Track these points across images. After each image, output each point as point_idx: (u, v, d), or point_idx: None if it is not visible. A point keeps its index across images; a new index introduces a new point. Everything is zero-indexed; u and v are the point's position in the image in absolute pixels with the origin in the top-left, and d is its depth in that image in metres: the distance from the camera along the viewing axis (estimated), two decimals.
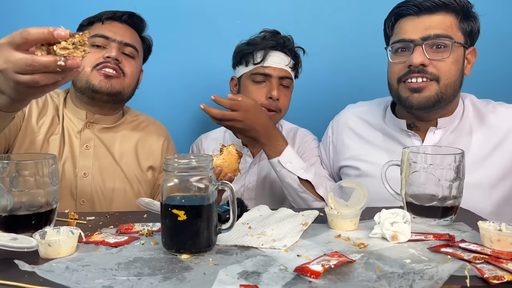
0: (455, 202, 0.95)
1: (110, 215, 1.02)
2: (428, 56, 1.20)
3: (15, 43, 0.72)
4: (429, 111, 1.26)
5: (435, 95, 1.22)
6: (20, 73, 0.73)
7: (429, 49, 1.21)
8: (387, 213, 0.86)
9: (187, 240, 0.76)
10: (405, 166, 0.97)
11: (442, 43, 1.21)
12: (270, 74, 1.40)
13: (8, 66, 0.72)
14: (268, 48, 1.41)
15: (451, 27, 1.22)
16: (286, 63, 1.41)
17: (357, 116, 1.45)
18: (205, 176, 0.78)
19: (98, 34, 1.29)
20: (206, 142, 1.56)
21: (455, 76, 1.23)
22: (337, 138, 1.47)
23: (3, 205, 0.80)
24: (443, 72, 1.21)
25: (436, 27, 1.21)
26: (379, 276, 0.67)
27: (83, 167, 1.30)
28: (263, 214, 1.01)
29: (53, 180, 0.85)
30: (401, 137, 1.33)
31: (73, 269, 0.69)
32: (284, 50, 1.42)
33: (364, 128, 1.41)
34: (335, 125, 1.50)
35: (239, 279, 0.66)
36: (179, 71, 1.82)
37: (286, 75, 1.42)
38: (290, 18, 1.80)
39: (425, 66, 1.21)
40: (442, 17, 1.22)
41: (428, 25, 1.21)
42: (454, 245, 0.80)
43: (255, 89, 1.41)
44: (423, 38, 1.21)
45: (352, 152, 1.40)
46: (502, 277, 0.66)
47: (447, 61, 1.21)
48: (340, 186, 0.96)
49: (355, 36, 1.81)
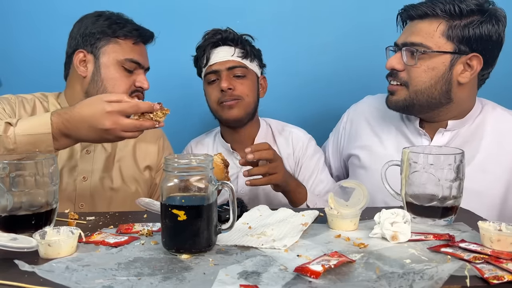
0: (455, 202, 0.95)
1: (110, 215, 1.02)
2: (404, 60, 1.25)
3: (126, 113, 0.98)
4: (409, 113, 1.31)
5: (404, 99, 1.26)
6: (125, 131, 0.99)
7: (408, 54, 1.25)
8: (387, 213, 0.86)
9: (187, 240, 0.76)
10: (405, 166, 0.97)
11: (414, 51, 1.23)
12: (217, 70, 1.41)
13: (117, 127, 0.98)
14: (209, 46, 1.42)
15: (433, 35, 1.21)
16: (232, 53, 1.41)
17: (374, 107, 1.46)
18: (205, 176, 0.78)
19: (133, 59, 1.30)
20: (197, 148, 1.55)
21: (427, 83, 1.23)
22: (351, 126, 1.48)
23: (3, 205, 0.80)
24: (412, 78, 1.24)
25: (416, 34, 1.23)
26: (379, 276, 0.67)
27: (83, 171, 1.30)
28: (263, 214, 1.01)
29: (53, 180, 0.85)
30: (411, 135, 1.34)
31: (73, 269, 0.69)
32: (227, 42, 1.42)
33: (378, 120, 1.43)
34: (352, 112, 1.51)
35: (239, 279, 0.66)
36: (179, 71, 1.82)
37: (236, 65, 1.41)
38: (290, 18, 1.80)
39: (399, 70, 1.26)
40: (426, 24, 1.23)
41: (412, 31, 1.24)
42: (454, 245, 0.80)
43: (210, 89, 1.43)
44: (402, 43, 1.25)
45: (363, 141, 1.42)
46: (502, 277, 0.66)
47: (418, 69, 1.23)
48: (340, 186, 0.96)
49: (355, 36, 1.81)
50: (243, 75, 1.42)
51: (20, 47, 1.79)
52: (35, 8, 1.76)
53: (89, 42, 1.29)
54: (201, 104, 1.82)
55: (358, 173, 1.40)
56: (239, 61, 1.41)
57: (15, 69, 1.79)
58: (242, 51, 1.42)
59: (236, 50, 1.41)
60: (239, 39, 1.43)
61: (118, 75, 1.28)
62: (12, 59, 1.79)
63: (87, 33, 1.29)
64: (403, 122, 1.37)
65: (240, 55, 1.42)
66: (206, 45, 1.43)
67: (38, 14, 1.76)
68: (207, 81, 1.44)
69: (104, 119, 0.97)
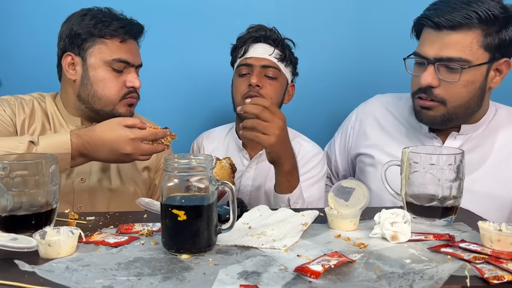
0: (455, 202, 0.95)
1: (110, 215, 1.02)
2: (440, 76, 1.17)
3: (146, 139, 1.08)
4: (444, 127, 1.26)
5: (442, 115, 1.21)
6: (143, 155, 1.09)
7: (443, 69, 1.17)
8: (387, 213, 0.86)
9: (187, 240, 0.76)
10: (405, 166, 0.97)
11: (454, 67, 1.15)
12: (251, 64, 1.40)
13: (137, 151, 1.07)
14: (250, 40, 1.42)
15: (470, 47, 1.14)
16: (270, 53, 1.41)
17: (384, 106, 1.44)
18: (205, 176, 0.78)
19: (121, 59, 1.26)
20: (208, 140, 1.54)
21: (466, 97, 1.19)
22: (360, 125, 1.46)
23: (3, 205, 0.80)
24: (451, 95, 1.18)
25: (451, 48, 1.15)
26: (379, 276, 0.67)
27: (80, 173, 1.29)
28: (263, 214, 1.01)
29: (53, 180, 0.85)
30: (423, 136, 1.32)
31: (73, 269, 0.69)
32: (268, 41, 1.42)
33: (388, 119, 1.40)
34: (361, 111, 1.49)
35: (239, 279, 0.66)
36: (179, 71, 1.82)
37: (270, 65, 1.40)
38: (290, 18, 1.80)
39: (433, 87, 1.18)
40: (462, 36, 1.14)
41: (445, 43, 1.16)
42: (454, 245, 0.80)
43: (240, 81, 1.42)
44: (436, 58, 1.17)
45: (372, 141, 1.40)
46: (502, 277, 0.66)
47: (457, 85, 1.17)
48: (340, 186, 0.96)
49: (355, 36, 1.81)
50: (275, 77, 1.41)
51: (20, 46, 1.79)
52: (35, 8, 1.76)
53: (76, 44, 1.26)
54: (204, 103, 1.83)
55: (367, 172, 1.39)
56: (275, 62, 1.42)
57: (15, 68, 1.78)
58: (281, 53, 1.42)
59: (275, 51, 1.41)
60: (281, 41, 1.43)
61: (107, 76, 1.26)
62: (12, 59, 1.79)
63: (73, 35, 1.26)
64: (415, 124, 1.34)
65: (278, 56, 1.42)
66: (247, 38, 1.43)
67: (38, 14, 1.76)
68: (238, 73, 1.43)
69: (127, 144, 1.05)
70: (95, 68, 1.25)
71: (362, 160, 1.42)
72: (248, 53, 1.42)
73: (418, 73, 1.23)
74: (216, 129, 1.59)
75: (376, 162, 1.36)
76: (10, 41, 1.78)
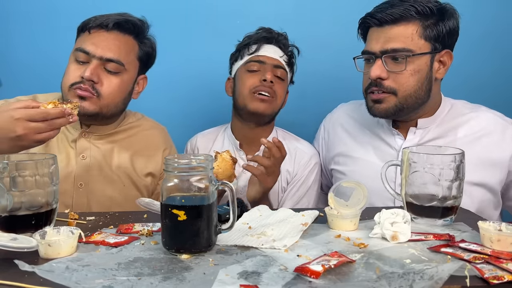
0: (455, 202, 0.95)
1: (110, 215, 1.02)
2: (388, 68, 1.24)
3: (34, 119, 0.95)
4: (397, 117, 1.31)
5: (394, 106, 1.26)
6: (40, 133, 0.96)
7: (389, 61, 1.24)
8: (387, 213, 0.86)
9: (187, 240, 0.76)
10: (405, 166, 0.97)
11: (399, 56, 1.22)
12: (264, 61, 1.42)
13: (30, 131, 0.95)
14: (262, 40, 1.45)
15: (412, 37, 1.22)
16: (280, 55, 1.45)
17: (347, 114, 1.49)
18: (205, 176, 0.78)
19: (80, 48, 1.21)
20: (202, 141, 1.54)
21: (415, 86, 1.24)
22: (329, 135, 1.51)
23: (3, 205, 0.80)
24: (400, 84, 1.24)
25: (394, 40, 1.23)
26: (379, 276, 0.67)
27: (79, 178, 1.25)
28: (263, 214, 1.01)
29: (53, 180, 0.85)
30: (385, 135, 1.37)
31: (73, 269, 0.69)
32: (279, 44, 1.46)
33: (353, 125, 1.46)
34: (327, 122, 1.55)
35: (239, 279, 0.66)
36: (179, 71, 1.82)
37: (281, 65, 1.44)
38: (290, 18, 1.80)
39: (383, 79, 1.24)
40: (403, 28, 1.23)
41: (389, 37, 1.23)
42: (454, 245, 0.80)
43: (250, 76, 1.43)
44: (381, 51, 1.24)
45: (341, 148, 1.45)
46: (502, 277, 0.66)
47: (405, 74, 1.23)
48: (340, 186, 0.96)
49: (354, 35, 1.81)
50: (283, 78, 1.45)
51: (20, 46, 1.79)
52: (34, 10, 1.76)
53: None
54: (203, 101, 1.83)
55: (339, 179, 1.42)
56: (284, 64, 1.45)
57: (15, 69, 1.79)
58: (289, 59, 1.47)
59: (284, 55, 1.46)
60: (289, 47, 1.48)
61: (69, 67, 1.23)
62: (12, 59, 1.79)
63: None
64: (377, 125, 1.40)
65: (286, 60, 1.46)
66: (259, 37, 1.45)
67: (37, 15, 1.76)
68: (248, 69, 1.44)
69: (14, 126, 0.94)
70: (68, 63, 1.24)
71: (335, 168, 1.46)
72: (261, 50, 1.44)
73: (367, 69, 1.30)
74: (210, 130, 1.59)
75: (347, 169, 1.40)
76: (10, 41, 1.78)
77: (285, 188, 1.47)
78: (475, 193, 1.26)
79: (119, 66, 1.24)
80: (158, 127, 1.43)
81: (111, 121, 1.32)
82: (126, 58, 1.25)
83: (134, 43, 1.29)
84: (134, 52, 1.30)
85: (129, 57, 1.27)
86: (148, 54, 1.35)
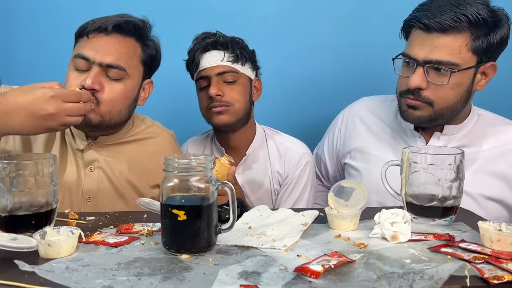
0: (455, 202, 0.95)
1: (110, 215, 1.02)
2: (429, 78, 1.17)
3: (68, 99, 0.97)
4: (429, 126, 1.27)
5: (428, 116, 1.22)
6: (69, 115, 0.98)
7: (431, 71, 1.18)
8: (387, 213, 0.86)
9: (187, 240, 0.76)
10: (405, 166, 0.97)
11: (446, 70, 1.16)
12: (207, 75, 1.38)
13: (61, 111, 0.96)
14: (199, 52, 1.39)
15: (459, 50, 1.15)
16: (221, 58, 1.37)
17: (369, 109, 1.44)
18: (205, 176, 0.78)
19: (79, 54, 1.14)
20: (193, 147, 1.53)
21: (454, 99, 1.20)
22: (347, 127, 1.46)
23: (3, 205, 0.80)
24: (439, 97, 1.19)
25: (441, 51, 1.15)
26: (379, 276, 0.67)
27: (88, 191, 1.21)
28: (263, 214, 1.01)
29: (53, 180, 0.85)
30: (407, 137, 1.33)
31: (73, 269, 0.69)
32: (216, 46, 1.39)
33: (374, 121, 1.41)
34: (347, 113, 1.49)
35: (239, 279, 0.66)
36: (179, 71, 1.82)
37: (225, 70, 1.37)
38: (290, 18, 1.80)
39: (422, 89, 1.19)
40: (451, 39, 1.15)
41: (435, 46, 1.16)
42: (454, 245, 0.80)
43: (201, 95, 1.41)
44: (425, 60, 1.17)
45: (359, 143, 1.40)
46: (502, 277, 0.66)
47: (445, 87, 1.17)
48: (340, 186, 0.96)
49: (354, 36, 1.81)
50: (234, 80, 1.38)
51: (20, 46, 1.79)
52: (36, 8, 1.76)
53: None
54: None
55: (353, 175, 1.40)
56: (229, 65, 1.38)
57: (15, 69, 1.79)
58: (232, 55, 1.38)
59: (226, 54, 1.38)
60: (229, 42, 1.39)
61: (68, 76, 1.16)
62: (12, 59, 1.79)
63: None
64: (399, 125, 1.36)
65: (231, 59, 1.38)
66: (196, 50, 1.39)
67: (38, 13, 1.76)
68: (198, 87, 1.42)
69: (47, 104, 0.94)
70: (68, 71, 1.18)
71: (348, 162, 1.43)
72: (201, 65, 1.39)
73: (406, 73, 1.24)
74: (199, 136, 1.58)
75: (362, 165, 1.37)
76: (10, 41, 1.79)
77: (277, 191, 1.45)
78: (490, 207, 1.23)
79: (121, 72, 1.17)
80: (166, 134, 1.38)
81: (117, 130, 1.26)
82: (128, 62, 1.18)
83: (136, 45, 1.23)
84: (137, 55, 1.23)
85: (132, 62, 1.20)
86: (152, 57, 1.28)
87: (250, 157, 1.45)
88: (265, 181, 1.44)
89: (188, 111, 1.83)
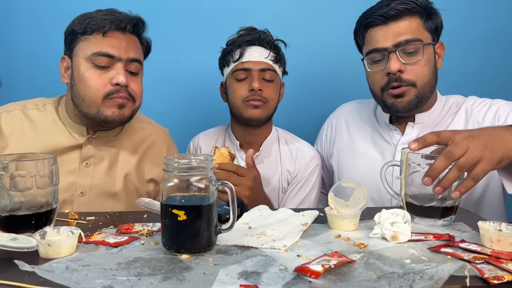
0: (455, 202, 0.95)
1: (110, 215, 1.02)
2: (403, 61, 1.25)
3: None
4: (417, 110, 1.33)
5: (415, 97, 1.27)
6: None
7: (403, 55, 1.25)
8: (387, 213, 0.86)
9: (187, 240, 0.76)
10: (404, 166, 0.97)
11: (413, 47, 1.24)
12: (250, 68, 1.40)
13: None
14: (245, 43, 1.41)
15: (418, 29, 1.26)
16: (266, 55, 1.41)
17: (350, 111, 1.53)
18: (205, 176, 0.78)
19: (101, 52, 1.15)
20: (205, 140, 1.54)
21: (429, 75, 1.28)
22: (332, 130, 1.55)
23: (3, 205, 0.80)
24: (418, 75, 1.26)
25: (405, 33, 1.25)
26: (379, 276, 0.67)
27: (81, 186, 1.21)
28: (263, 214, 1.01)
29: (53, 180, 0.85)
30: (383, 131, 1.41)
31: (73, 269, 0.69)
32: (262, 43, 1.42)
33: (356, 121, 1.50)
34: (332, 118, 1.58)
35: (239, 279, 0.66)
36: (179, 71, 1.82)
37: (268, 67, 1.41)
38: (290, 18, 1.80)
39: (402, 72, 1.25)
40: (408, 22, 1.26)
41: (397, 31, 1.25)
42: (454, 245, 0.80)
43: (238, 86, 1.42)
44: (394, 45, 1.25)
45: (344, 142, 1.48)
46: (502, 277, 0.66)
47: (421, 64, 1.25)
48: (340, 186, 0.96)
49: None
50: (272, 79, 1.42)
51: (20, 46, 1.79)
52: (37, 7, 1.76)
53: (67, 46, 1.21)
54: (203, 101, 1.83)
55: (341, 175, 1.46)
56: (271, 64, 1.42)
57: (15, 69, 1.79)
58: (275, 55, 1.43)
59: (270, 53, 1.42)
60: (274, 43, 1.44)
61: (88, 74, 1.15)
62: (12, 59, 1.79)
63: (66, 37, 1.22)
64: (376, 121, 1.44)
65: (273, 59, 1.43)
66: (242, 41, 1.42)
67: (40, 13, 1.76)
68: (235, 78, 1.42)
69: None
70: (78, 67, 1.17)
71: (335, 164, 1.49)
72: (244, 57, 1.40)
73: (378, 68, 1.30)
74: (212, 130, 1.59)
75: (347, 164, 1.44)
76: (11, 41, 1.79)
77: (285, 189, 1.47)
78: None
79: (139, 66, 1.23)
80: (161, 131, 1.40)
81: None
82: (141, 57, 1.26)
83: (138, 41, 1.27)
84: (141, 50, 1.29)
85: (142, 56, 1.27)
86: (148, 49, 1.33)
87: (263, 153, 1.49)
88: (274, 178, 1.47)
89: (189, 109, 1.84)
